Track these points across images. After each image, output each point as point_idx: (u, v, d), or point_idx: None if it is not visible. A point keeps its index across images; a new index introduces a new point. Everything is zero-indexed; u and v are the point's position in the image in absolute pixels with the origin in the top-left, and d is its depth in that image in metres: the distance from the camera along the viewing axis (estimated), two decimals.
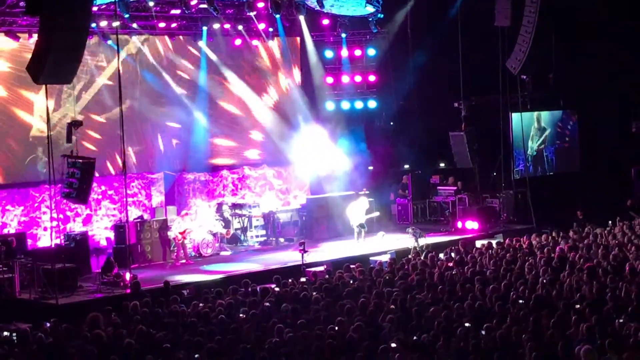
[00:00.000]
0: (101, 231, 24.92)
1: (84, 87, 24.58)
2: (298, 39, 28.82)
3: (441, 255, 20.43)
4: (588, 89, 28.65)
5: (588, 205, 25.67)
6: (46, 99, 19.14)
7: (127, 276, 19.59)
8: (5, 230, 22.97)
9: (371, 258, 22.28)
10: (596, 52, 28.10)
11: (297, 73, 29.28)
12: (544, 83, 28.63)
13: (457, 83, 26.54)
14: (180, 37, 26.42)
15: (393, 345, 12.39)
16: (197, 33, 26.24)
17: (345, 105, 30.01)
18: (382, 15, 27.88)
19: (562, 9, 26.99)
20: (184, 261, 23.15)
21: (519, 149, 27.73)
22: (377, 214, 25.93)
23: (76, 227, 24.19)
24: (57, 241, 20.29)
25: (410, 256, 21.00)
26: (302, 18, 27.55)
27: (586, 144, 29.53)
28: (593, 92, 28.66)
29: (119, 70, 20.75)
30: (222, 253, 24.48)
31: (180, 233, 23.23)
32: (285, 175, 29.16)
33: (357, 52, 29.77)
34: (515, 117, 27.40)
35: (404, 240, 23.72)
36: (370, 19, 28.02)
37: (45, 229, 23.51)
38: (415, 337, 12.91)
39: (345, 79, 29.85)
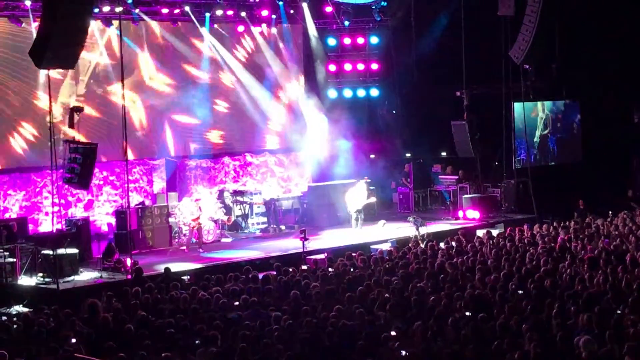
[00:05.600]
0: (102, 217, 24.94)
1: (85, 72, 24.54)
2: (301, 26, 28.73)
3: (442, 244, 20.43)
4: (591, 79, 28.57)
5: (589, 195, 25.65)
6: (48, 83, 19.14)
7: (128, 262, 19.64)
8: (6, 215, 23.00)
9: (372, 246, 22.29)
10: (599, 42, 28.00)
11: (299, 61, 29.20)
12: (546, 73, 28.54)
13: (459, 72, 26.47)
14: (183, 23, 26.33)
15: (393, 333, 12.42)
16: (200, 19, 26.14)
17: (348, 93, 29.96)
18: (385, 3, 27.81)
19: None
20: (184, 248, 23.17)
21: (520, 139, 27.70)
22: (373, 199, 25.87)
23: (77, 212, 24.20)
24: (59, 226, 20.31)
25: (411, 245, 21.00)
26: (305, 5, 27.50)
27: (588, 134, 29.48)
28: (596, 82, 28.57)
29: (121, 56, 20.68)
30: (223, 240, 24.50)
31: (194, 220, 23.21)
32: (287, 162, 29.14)
33: (360, 40, 29.72)
34: (517, 106, 27.37)
35: (405, 229, 23.73)
36: (374, 7, 27.96)
37: (46, 213, 23.50)
38: (414, 326, 12.92)
39: (347, 67, 29.79)
